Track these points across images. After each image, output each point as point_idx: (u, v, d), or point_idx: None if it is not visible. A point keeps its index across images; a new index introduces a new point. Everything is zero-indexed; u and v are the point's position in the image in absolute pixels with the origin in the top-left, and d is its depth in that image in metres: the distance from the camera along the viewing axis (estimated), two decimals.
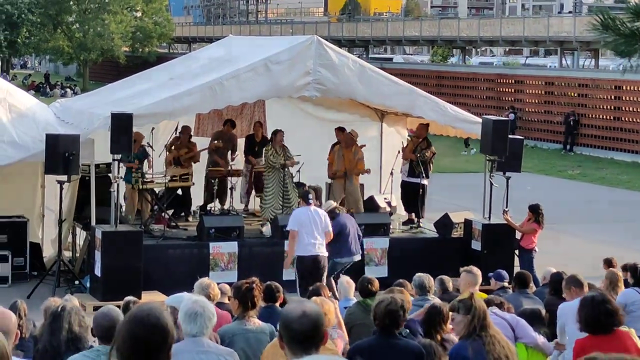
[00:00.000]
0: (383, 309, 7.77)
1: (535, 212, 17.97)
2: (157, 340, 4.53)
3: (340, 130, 20.19)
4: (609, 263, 14.52)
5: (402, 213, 20.82)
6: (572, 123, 43.68)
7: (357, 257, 16.69)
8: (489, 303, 10.37)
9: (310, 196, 16.05)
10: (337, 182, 19.76)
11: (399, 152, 20.59)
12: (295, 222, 15.79)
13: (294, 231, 15.74)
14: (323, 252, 15.76)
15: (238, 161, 21.05)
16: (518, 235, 18.17)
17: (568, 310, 10.19)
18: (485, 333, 7.71)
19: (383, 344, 7.73)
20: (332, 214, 16.50)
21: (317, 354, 4.76)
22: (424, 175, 19.95)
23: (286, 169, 19.23)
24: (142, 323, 4.56)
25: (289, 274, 16.28)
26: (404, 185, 20.40)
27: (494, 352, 7.62)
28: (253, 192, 21.02)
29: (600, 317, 8.15)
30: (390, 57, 68.59)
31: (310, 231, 15.66)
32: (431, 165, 20.27)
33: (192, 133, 20.17)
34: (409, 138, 21.31)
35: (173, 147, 19.53)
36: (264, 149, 19.73)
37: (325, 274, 15.75)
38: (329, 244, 16.04)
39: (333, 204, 17.10)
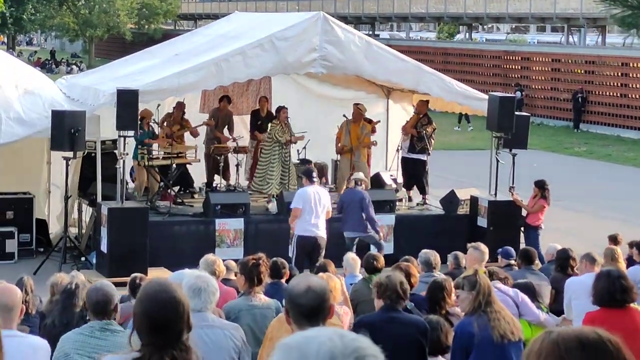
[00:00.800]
0: (397, 283, 7.73)
1: (541, 187, 17.94)
2: (173, 315, 4.58)
3: (356, 105, 20.12)
4: (614, 239, 14.53)
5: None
6: (580, 100, 43.57)
7: (362, 235, 16.66)
8: (492, 276, 10.39)
9: (314, 174, 16.02)
10: (344, 158, 19.74)
11: (402, 127, 20.54)
12: (299, 200, 15.79)
13: (297, 209, 15.74)
14: (323, 234, 15.74)
15: (244, 138, 21.03)
16: (524, 212, 18.15)
17: (575, 286, 10.21)
18: (491, 309, 7.72)
19: (386, 317, 7.72)
20: (349, 184, 16.69)
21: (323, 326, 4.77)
22: (426, 150, 19.93)
23: (285, 146, 19.22)
24: (154, 302, 4.59)
25: None
26: (404, 161, 20.39)
27: (499, 328, 7.64)
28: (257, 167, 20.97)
29: (615, 292, 8.17)
30: (377, 33, 68.15)
31: (312, 211, 15.62)
32: (432, 141, 20.21)
33: (185, 110, 20.07)
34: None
35: (165, 124, 19.50)
36: (269, 123, 19.71)
37: (322, 254, 15.71)
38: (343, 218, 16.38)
39: (361, 175, 17.17)
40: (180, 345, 4.60)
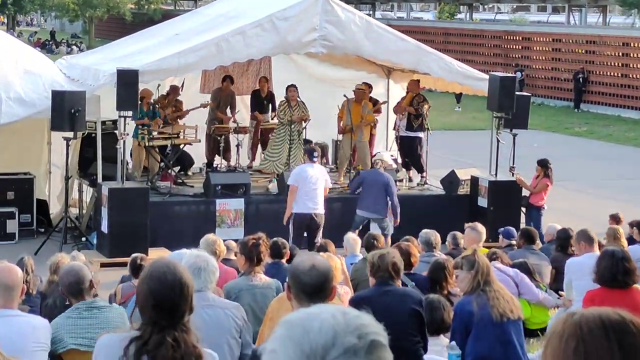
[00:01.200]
0: (389, 262, 7.73)
1: (544, 166, 17.94)
2: (177, 296, 4.59)
3: (366, 85, 20.09)
4: (615, 218, 14.53)
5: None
6: (581, 80, 43.50)
7: (375, 216, 16.58)
8: (491, 257, 10.41)
9: (315, 154, 16.02)
10: (345, 138, 19.70)
11: (395, 107, 20.52)
12: (295, 177, 15.82)
13: (293, 186, 15.75)
14: (320, 211, 15.75)
15: (244, 118, 21.04)
16: (527, 192, 18.14)
17: (575, 266, 10.23)
18: (490, 288, 7.73)
19: (381, 292, 7.72)
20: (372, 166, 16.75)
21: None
22: (424, 128, 19.93)
23: (293, 126, 19.21)
24: (159, 282, 4.61)
25: None
26: (403, 139, 20.36)
27: (498, 307, 7.65)
28: (259, 149, 21.00)
29: (617, 274, 8.19)
30: (369, 13, 68.06)
31: (310, 189, 15.64)
32: (426, 119, 20.18)
33: (181, 92, 20.06)
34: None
35: (159, 106, 19.47)
36: (277, 104, 19.73)
37: (320, 231, 15.74)
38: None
39: (384, 157, 17.22)
40: (181, 326, 4.62)
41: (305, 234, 15.87)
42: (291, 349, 2.15)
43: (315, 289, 4.87)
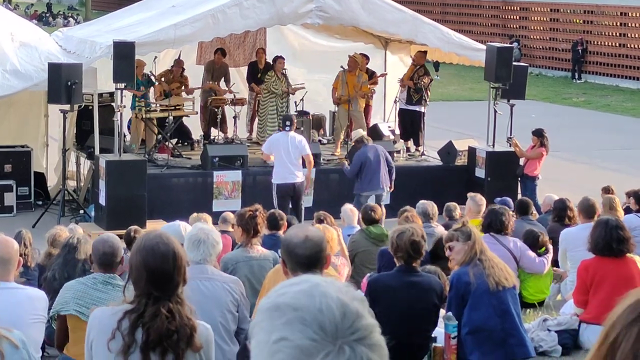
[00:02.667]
0: (407, 240, 7.54)
1: (539, 135, 17.93)
2: (170, 267, 4.61)
3: (362, 56, 20.01)
4: (607, 191, 14.52)
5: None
6: (580, 51, 43.41)
7: (380, 191, 16.33)
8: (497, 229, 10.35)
9: (288, 122, 16.07)
10: (341, 108, 19.67)
11: (399, 80, 20.46)
12: (268, 146, 16.16)
13: (265, 154, 16.15)
14: (299, 179, 15.87)
15: (241, 89, 21.01)
16: (522, 161, 18.15)
17: (570, 236, 10.25)
18: (485, 257, 7.75)
19: (405, 282, 7.60)
20: (358, 144, 16.47)
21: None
22: (424, 101, 19.89)
23: (283, 97, 19.20)
24: (152, 253, 4.62)
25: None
26: (402, 112, 20.34)
27: (494, 275, 7.66)
28: (257, 120, 20.98)
29: (611, 242, 8.20)
30: None
31: (284, 158, 15.78)
32: (428, 92, 20.15)
33: (186, 66, 20.07)
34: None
35: (163, 79, 19.46)
36: (265, 75, 19.68)
37: (302, 199, 15.87)
38: (356, 178, 16.25)
39: (361, 132, 16.86)
40: (175, 297, 4.63)
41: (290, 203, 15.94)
42: (309, 331, 2.03)
43: (310, 259, 4.88)
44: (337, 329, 2.04)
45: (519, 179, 18.09)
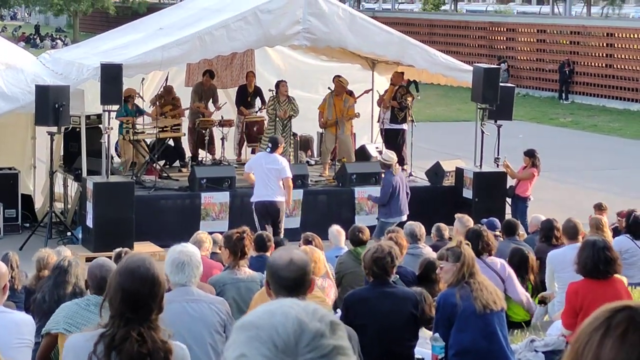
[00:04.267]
0: (370, 257, 7.77)
1: (531, 156, 17.98)
2: (147, 292, 4.59)
3: (337, 78, 20.04)
4: (599, 207, 14.56)
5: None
6: (567, 72, 43.56)
7: (404, 217, 16.11)
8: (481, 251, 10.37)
9: (270, 144, 16.09)
10: (328, 131, 19.72)
11: (379, 100, 20.48)
12: (248, 165, 16.39)
13: (246, 173, 16.28)
14: (276, 198, 15.85)
15: (229, 111, 21.03)
16: (513, 182, 18.17)
17: (557, 258, 10.26)
18: (473, 280, 7.75)
19: (379, 293, 7.75)
20: (385, 168, 16.48)
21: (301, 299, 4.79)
22: (407, 120, 19.96)
23: (279, 120, 19.18)
24: (132, 275, 4.61)
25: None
26: (387, 132, 20.36)
27: (481, 298, 7.67)
28: (245, 143, 21.00)
29: (599, 263, 8.19)
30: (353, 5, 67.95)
31: (264, 178, 15.81)
32: (410, 111, 20.19)
33: (174, 87, 20.14)
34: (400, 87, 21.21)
35: (157, 103, 19.50)
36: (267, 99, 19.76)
37: (281, 218, 15.92)
38: (379, 206, 16.32)
39: (393, 159, 16.59)
40: (148, 322, 4.61)
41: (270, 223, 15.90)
42: (263, 348, 2.15)
43: (294, 282, 4.87)
44: (291, 347, 2.15)
45: (511, 199, 18.12)
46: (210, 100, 20.63)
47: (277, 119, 19.13)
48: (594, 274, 8.26)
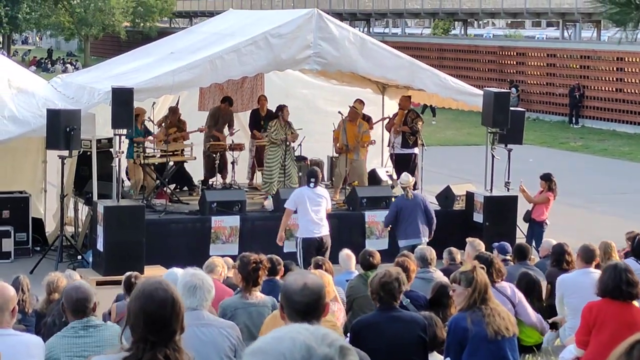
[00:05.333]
0: (378, 282, 7.80)
1: (547, 180, 17.98)
2: (168, 314, 4.59)
3: (359, 102, 19.98)
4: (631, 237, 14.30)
5: None
6: (577, 96, 43.56)
7: (419, 241, 15.80)
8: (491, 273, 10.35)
9: (313, 179, 15.75)
10: (342, 157, 19.68)
11: (388, 125, 20.51)
12: (293, 200, 15.76)
13: (289, 209, 15.74)
14: (325, 232, 15.69)
15: (239, 135, 21.07)
16: (530, 206, 18.14)
17: (566, 282, 10.22)
18: (486, 306, 7.70)
19: (388, 317, 7.74)
20: (404, 191, 16.40)
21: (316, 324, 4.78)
22: (418, 144, 19.98)
23: (287, 144, 19.19)
24: (151, 298, 4.61)
25: (290, 246, 16.27)
26: (399, 157, 20.35)
27: (493, 324, 7.62)
28: (256, 167, 21.02)
29: (621, 284, 8.19)
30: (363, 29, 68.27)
31: (310, 213, 15.53)
32: (421, 135, 20.19)
33: (187, 110, 20.17)
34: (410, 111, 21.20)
35: (163, 125, 19.52)
36: (268, 124, 19.71)
37: (328, 253, 15.59)
38: (393, 227, 16.36)
39: (408, 182, 16.54)
40: (173, 344, 4.62)
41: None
42: None
43: (308, 307, 4.84)
44: None
45: (527, 223, 18.09)
46: (226, 125, 20.65)
47: (282, 143, 19.09)
48: (614, 294, 8.25)
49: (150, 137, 19.25)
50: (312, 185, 15.70)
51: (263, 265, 9.07)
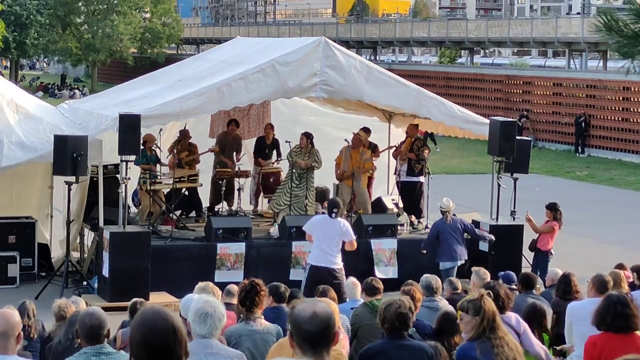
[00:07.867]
0: (393, 312, 7.78)
1: (553, 209, 17.94)
2: (171, 342, 4.58)
3: (364, 131, 20.03)
4: (620, 267, 14.40)
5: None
6: (583, 125, 43.60)
7: (461, 262, 16.86)
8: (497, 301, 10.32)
9: (335, 210, 15.43)
10: (344, 184, 19.72)
11: (395, 152, 20.54)
12: (309, 226, 15.68)
13: (308, 234, 15.64)
14: (334, 265, 15.24)
15: (245, 162, 21.09)
16: (535, 235, 18.11)
17: (576, 311, 10.18)
18: (494, 335, 7.63)
19: (396, 345, 7.74)
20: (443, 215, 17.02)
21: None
22: (424, 173, 20.00)
23: (294, 169, 19.18)
24: (152, 328, 4.59)
25: (296, 274, 16.24)
26: (404, 185, 20.34)
27: (502, 355, 7.55)
28: (262, 193, 21.05)
29: (616, 317, 8.15)
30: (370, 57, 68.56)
31: (323, 241, 15.30)
32: (427, 163, 20.21)
33: (196, 136, 20.22)
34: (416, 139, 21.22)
35: (175, 151, 19.58)
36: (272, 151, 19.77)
37: (343, 285, 14.88)
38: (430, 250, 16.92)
39: (449, 206, 17.13)
40: None
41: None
42: None
43: (317, 336, 4.82)
44: None
45: (533, 253, 18.06)
46: (235, 151, 20.67)
47: (294, 169, 19.12)
48: (612, 328, 8.22)
49: (166, 168, 19.28)
50: (333, 215, 15.41)
51: (258, 286, 9.06)
